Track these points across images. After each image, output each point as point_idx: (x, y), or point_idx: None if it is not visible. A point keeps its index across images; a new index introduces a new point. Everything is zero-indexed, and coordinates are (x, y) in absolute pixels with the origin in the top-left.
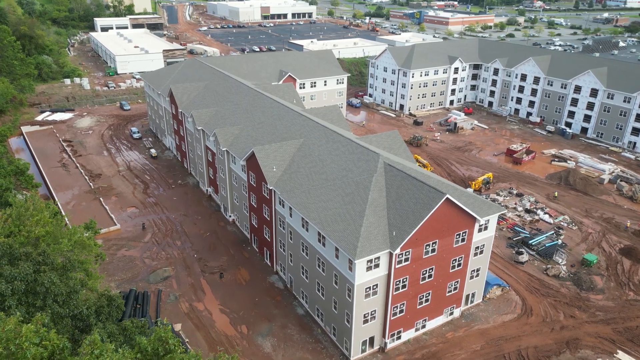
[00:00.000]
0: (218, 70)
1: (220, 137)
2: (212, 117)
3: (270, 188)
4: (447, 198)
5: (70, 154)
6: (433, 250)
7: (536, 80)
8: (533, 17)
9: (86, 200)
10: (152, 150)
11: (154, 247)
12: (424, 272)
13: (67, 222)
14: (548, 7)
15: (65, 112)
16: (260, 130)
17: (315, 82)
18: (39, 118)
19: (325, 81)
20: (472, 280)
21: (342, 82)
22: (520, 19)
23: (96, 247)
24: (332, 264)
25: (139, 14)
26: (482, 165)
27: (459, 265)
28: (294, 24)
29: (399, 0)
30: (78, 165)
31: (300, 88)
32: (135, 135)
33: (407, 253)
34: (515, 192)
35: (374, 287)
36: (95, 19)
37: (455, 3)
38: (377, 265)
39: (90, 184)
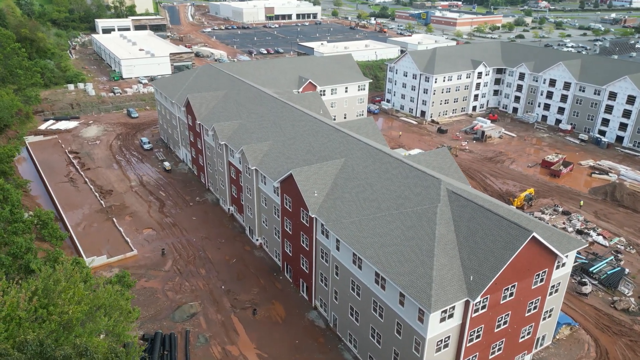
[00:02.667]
0: (236, 77)
1: (249, 154)
2: (236, 131)
3: (312, 216)
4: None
5: (77, 167)
6: (511, 295)
7: (566, 85)
8: (540, 17)
9: (98, 220)
10: (166, 164)
11: (176, 277)
12: (500, 319)
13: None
14: (553, 7)
15: (70, 121)
16: (292, 147)
17: (335, 89)
18: (43, 127)
19: (346, 88)
20: (545, 322)
21: (363, 89)
22: (528, 20)
23: (128, 301)
24: (393, 310)
25: (140, 14)
26: (518, 178)
27: (534, 308)
28: (299, 25)
29: (402, 0)
30: (87, 180)
31: (320, 95)
32: (146, 146)
33: (485, 300)
34: (560, 209)
35: (446, 339)
36: (96, 20)
37: (459, 3)
38: (451, 316)
39: (102, 201)
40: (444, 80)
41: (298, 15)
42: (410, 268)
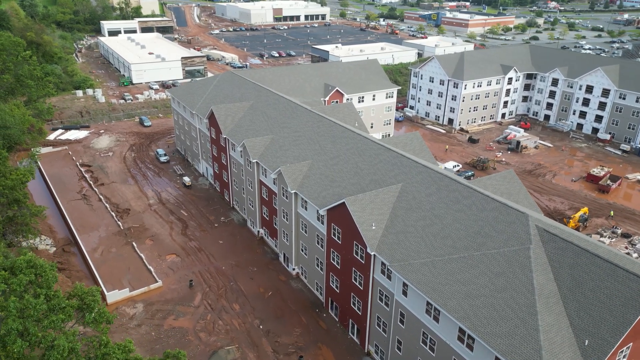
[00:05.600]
0: (260, 85)
1: (287, 176)
2: (268, 148)
3: (371, 253)
4: None
5: (90, 182)
6: (624, 357)
7: (605, 92)
8: (552, 18)
9: (116, 245)
10: (185, 179)
11: (208, 314)
12: None
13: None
14: (562, 8)
15: (80, 130)
16: (336, 168)
17: (363, 97)
18: (51, 137)
19: (373, 95)
20: None
21: (392, 96)
22: (540, 21)
23: None
24: None
25: (146, 16)
26: (564, 194)
27: None
28: (308, 26)
29: (408, 1)
30: (101, 197)
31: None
32: (162, 159)
33: None
34: (619, 231)
35: None
36: (101, 22)
37: (468, 4)
38: None
39: (119, 222)
40: (473, 87)
41: (307, 17)
42: (508, 328)
